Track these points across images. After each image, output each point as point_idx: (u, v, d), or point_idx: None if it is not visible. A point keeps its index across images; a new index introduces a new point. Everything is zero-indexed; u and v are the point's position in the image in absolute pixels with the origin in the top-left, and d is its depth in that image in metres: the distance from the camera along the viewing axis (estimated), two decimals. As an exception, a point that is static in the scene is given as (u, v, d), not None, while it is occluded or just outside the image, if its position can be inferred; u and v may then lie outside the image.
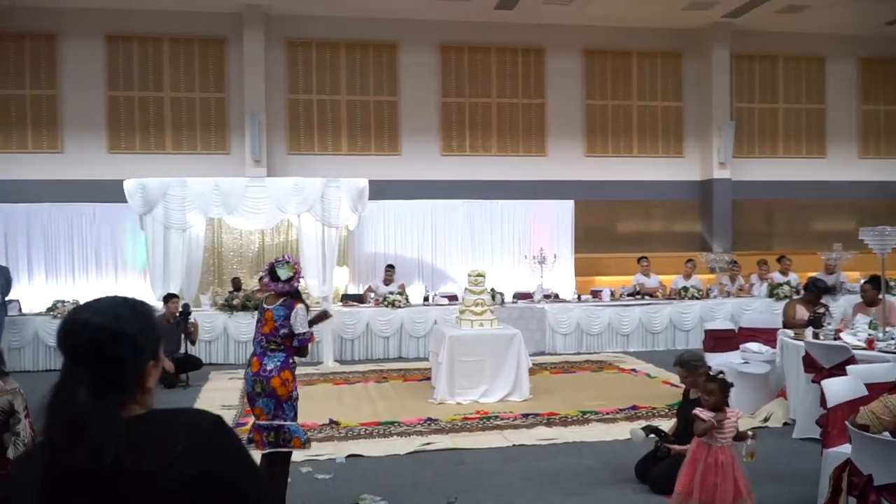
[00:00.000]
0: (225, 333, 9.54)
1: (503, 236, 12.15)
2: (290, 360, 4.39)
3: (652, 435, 4.81)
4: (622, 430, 5.81)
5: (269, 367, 4.37)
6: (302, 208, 9.24)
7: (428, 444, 5.87)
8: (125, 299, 1.45)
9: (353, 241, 11.91)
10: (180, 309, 8.30)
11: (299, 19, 13.27)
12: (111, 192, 10.47)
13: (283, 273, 4.58)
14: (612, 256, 13.45)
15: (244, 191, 9.18)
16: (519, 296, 10.79)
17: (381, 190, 12.90)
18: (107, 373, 1.33)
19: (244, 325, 9.55)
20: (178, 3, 12.70)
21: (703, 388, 4.31)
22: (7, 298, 9.21)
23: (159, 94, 13.34)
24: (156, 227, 9.13)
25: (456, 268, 12.02)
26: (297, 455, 5.47)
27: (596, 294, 10.87)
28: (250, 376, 4.39)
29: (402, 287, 10.88)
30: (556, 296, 10.92)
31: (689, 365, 4.80)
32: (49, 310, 9.39)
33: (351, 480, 5.10)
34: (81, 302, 1.54)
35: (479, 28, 13.59)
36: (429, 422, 6.54)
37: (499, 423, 6.52)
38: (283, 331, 4.45)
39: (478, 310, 7.54)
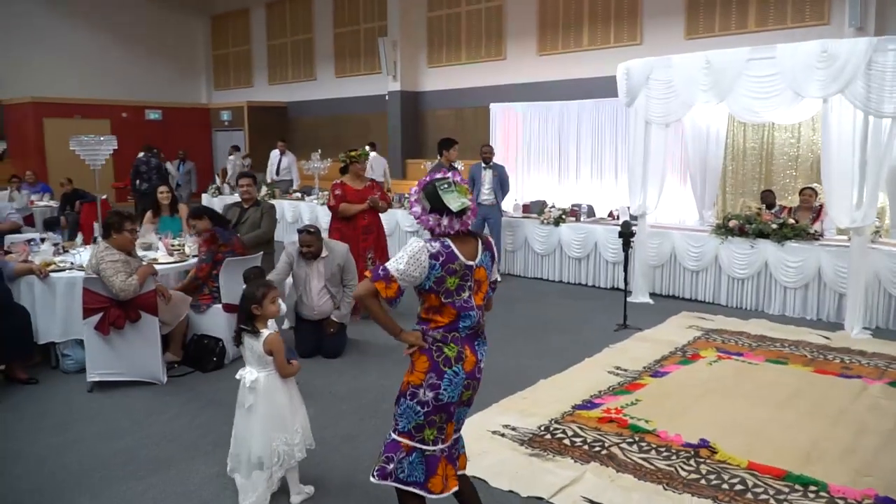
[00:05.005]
0: (715, 263, 7.11)
1: None
2: None
3: None
4: None
5: (482, 361, 2.84)
6: (831, 88, 5.86)
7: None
8: None
9: None
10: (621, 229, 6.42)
11: None
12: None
13: (455, 200, 2.70)
14: None
15: (743, 66, 6.36)
16: None
17: None
18: None
19: (739, 257, 6.92)
20: None
21: None
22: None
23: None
24: (638, 122, 7.27)
25: None
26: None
27: None
28: (461, 379, 2.71)
29: None
30: None
31: None
32: (539, 213, 8.72)
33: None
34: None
35: None
36: (884, 506, 3.25)
37: None
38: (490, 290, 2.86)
39: None
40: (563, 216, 8.39)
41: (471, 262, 2.72)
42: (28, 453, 4.01)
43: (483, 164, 8.57)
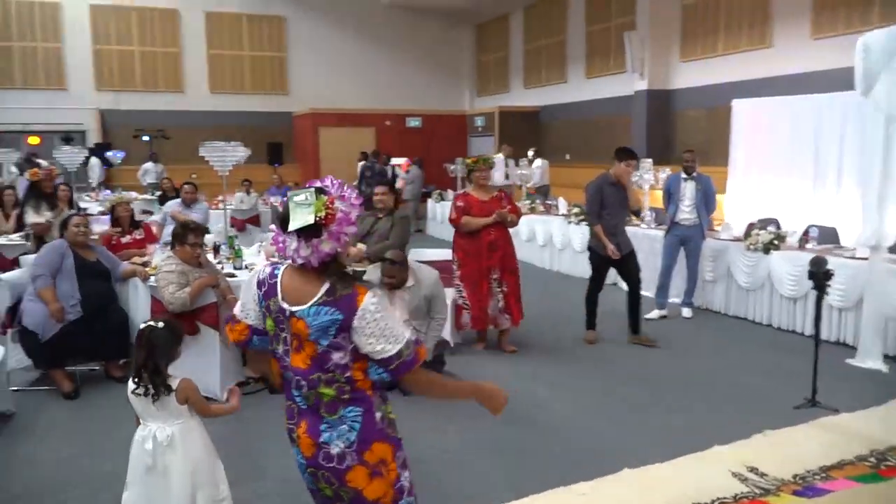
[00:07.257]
0: None
1: None
2: (379, 416, 2.00)
3: None
4: None
5: (333, 449, 1.96)
6: None
7: None
8: None
9: None
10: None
11: None
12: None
13: (299, 217, 1.86)
14: None
15: None
16: None
17: None
18: None
19: None
20: None
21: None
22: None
23: None
24: (877, 117, 5.14)
25: None
26: None
27: None
28: (302, 465, 2.04)
29: None
30: None
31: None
32: (746, 236, 6.76)
33: None
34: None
35: None
36: None
37: None
38: (336, 356, 1.90)
39: None
40: (776, 241, 6.42)
41: (286, 306, 1.91)
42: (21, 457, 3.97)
43: (684, 175, 6.96)
